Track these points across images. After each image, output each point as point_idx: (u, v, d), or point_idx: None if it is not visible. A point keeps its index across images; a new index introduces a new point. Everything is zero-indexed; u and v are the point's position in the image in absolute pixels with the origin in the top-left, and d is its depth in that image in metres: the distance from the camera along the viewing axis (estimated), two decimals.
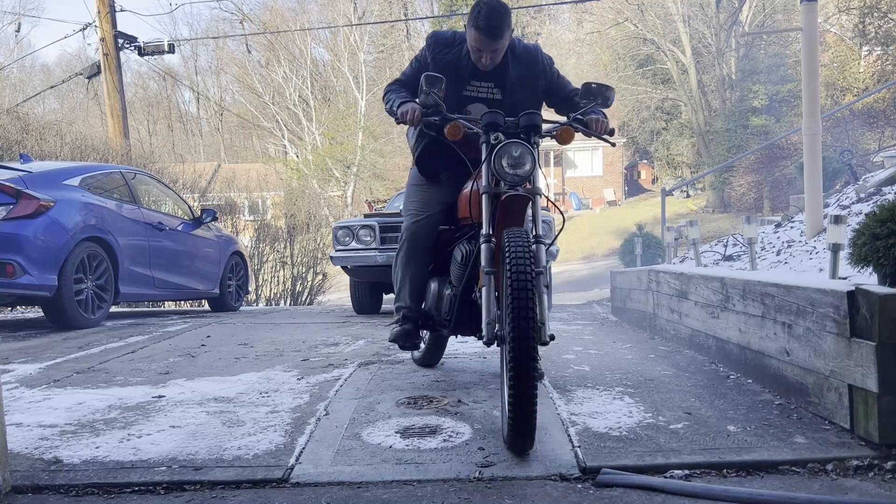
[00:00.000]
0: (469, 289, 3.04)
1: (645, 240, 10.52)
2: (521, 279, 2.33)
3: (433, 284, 3.36)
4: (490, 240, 2.71)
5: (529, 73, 3.21)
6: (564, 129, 2.88)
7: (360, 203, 30.97)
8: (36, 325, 6.08)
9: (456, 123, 2.85)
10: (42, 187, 5.56)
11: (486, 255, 2.69)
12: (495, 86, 3.20)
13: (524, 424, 2.30)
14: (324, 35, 37.66)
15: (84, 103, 38.93)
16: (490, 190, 2.76)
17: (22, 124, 11.04)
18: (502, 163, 2.67)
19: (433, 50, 3.22)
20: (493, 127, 2.78)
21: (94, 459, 2.40)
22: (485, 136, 2.80)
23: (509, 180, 2.69)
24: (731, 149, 25.26)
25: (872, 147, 13.11)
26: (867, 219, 3.12)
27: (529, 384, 2.26)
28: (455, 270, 3.15)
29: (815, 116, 6.64)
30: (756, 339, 3.20)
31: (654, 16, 30.03)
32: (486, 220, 2.74)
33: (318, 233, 13.83)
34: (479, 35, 3.01)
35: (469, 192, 3.01)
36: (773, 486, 2.12)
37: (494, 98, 3.20)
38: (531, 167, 2.69)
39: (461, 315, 3.11)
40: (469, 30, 3.06)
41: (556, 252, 6.78)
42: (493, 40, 3.02)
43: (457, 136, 2.85)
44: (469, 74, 3.17)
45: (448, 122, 2.88)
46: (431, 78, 2.87)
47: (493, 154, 2.69)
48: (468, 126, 2.87)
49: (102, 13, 13.93)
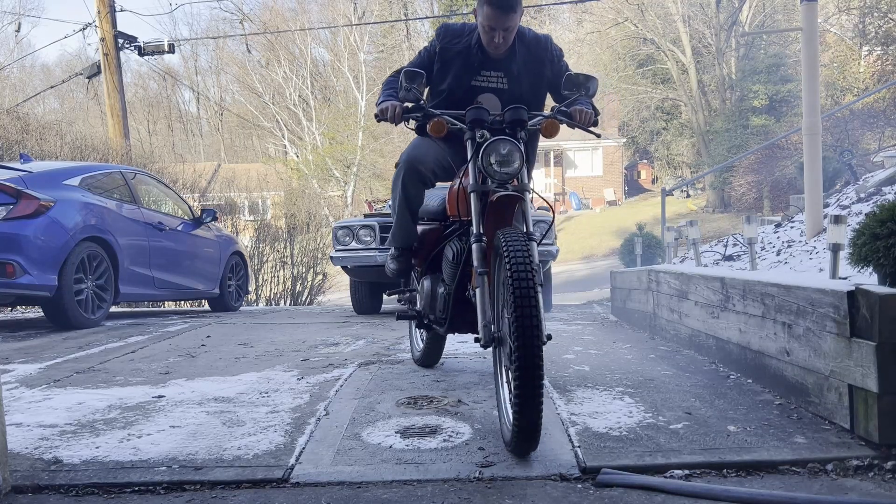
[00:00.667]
0: (462, 286, 3.02)
1: (645, 240, 10.51)
2: (523, 282, 2.28)
3: (426, 283, 3.33)
4: (481, 239, 2.67)
5: (536, 62, 3.15)
6: (549, 121, 2.84)
7: (360, 203, 30.97)
8: (36, 325, 6.08)
9: (439, 120, 2.79)
10: (42, 187, 5.56)
11: (478, 256, 2.66)
12: (504, 75, 3.14)
13: (529, 427, 2.24)
14: (324, 35, 37.68)
15: (84, 103, 38.93)
16: (478, 188, 2.71)
17: (22, 124, 11.04)
18: (490, 160, 2.62)
19: (442, 40, 3.18)
20: (477, 123, 2.73)
21: (94, 459, 2.40)
22: (470, 133, 2.75)
23: (498, 178, 2.64)
24: (731, 149, 25.27)
25: (872, 147, 13.11)
26: (867, 219, 3.12)
27: (536, 384, 2.20)
28: (447, 269, 3.11)
29: (815, 116, 6.64)
30: (756, 339, 3.20)
31: (654, 16, 30.03)
32: (476, 219, 2.69)
33: (318, 233, 13.84)
34: (491, 11, 2.94)
35: (456, 189, 2.96)
36: (773, 486, 2.12)
37: (503, 87, 3.14)
38: (520, 164, 2.64)
39: (456, 313, 3.08)
40: (481, 8, 2.98)
41: (557, 252, 6.78)
42: (507, 14, 2.95)
43: (441, 132, 2.79)
44: (479, 64, 3.13)
45: (431, 118, 2.82)
46: (412, 73, 2.81)
47: (481, 151, 2.64)
48: (452, 122, 2.81)
49: (102, 13, 13.93)
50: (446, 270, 3.12)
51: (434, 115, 2.84)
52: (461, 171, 2.92)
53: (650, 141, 37.21)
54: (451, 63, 3.11)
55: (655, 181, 37.99)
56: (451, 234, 3.17)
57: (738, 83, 28.07)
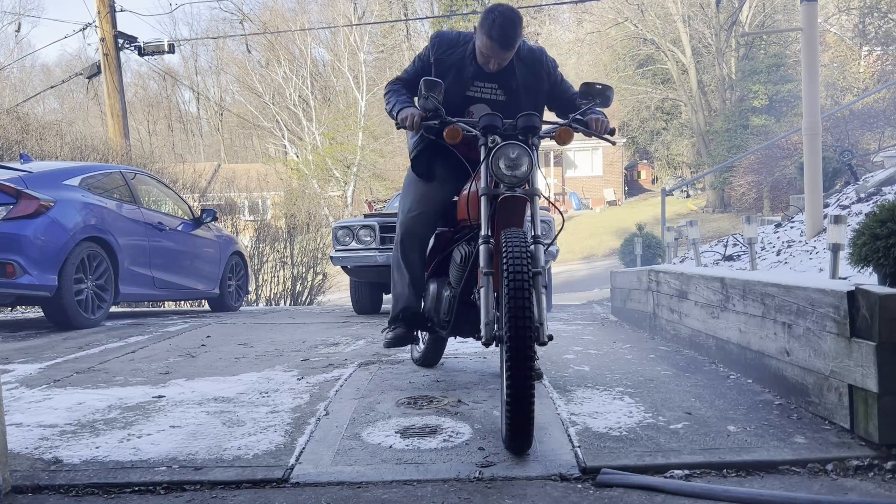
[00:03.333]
0: (468, 290, 3.05)
1: (645, 240, 10.51)
2: (518, 279, 2.34)
3: (432, 286, 3.37)
4: (489, 241, 2.72)
5: (534, 76, 3.21)
6: (563, 129, 2.90)
7: (360, 203, 30.98)
8: (36, 325, 6.08)
9: (455, 127, 2.87)
10: (42, 187, 5.56)
11: (485, 256, 2.70)
12: (499, 87, 3.20)
13: (522, 424, 2.29)
14: (324, 35, 37.67)
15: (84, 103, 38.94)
16: (489, 192, 2.77)
17: (22, 124, 11.04)
18: (500, 164, 2.70)
19: (437, 50, 3.22)
20: (490, 129, 2.80)
21: (94, 459, 2.40)
22: (483, 139, 2.82)
23: (507, 182, 2.71)
24: (731, 149, 25.28)
25: (872, 147, 13.09)
26: (867, 219, 3.12)
27: (526, 384, 2.26)
28: (454, 272, 3.16)
29: (815, 116, 6.63)
30: (756, 339, 3.20)
31: (654, 16, 30.03)
32: (485, 221, 2.75)
33: (318, 233, 13.83)
34: (491, 44, 3.01)
35: (468, 193, 3.02)
36: (773, 486, 2.12)
37: (498, 99, 3.21)
38: (528, 168, 2.71)
39: (460, 316, 3.11)
40: (480, 36, 3.05)
41: (557, 252, 6.78)
42: (506, 50, 3.04)
43: (456, 139, 2.86)
44: (473, 75, 3.18)
45: (447, 125, 2.89)
46: (430, 83, 2.88)
47: (491, 156, 2.71)
48: (467, 129, 2.88)
49: (102, 13, 13.93)
50: (453, 273, 3.17)
51: (450, 122, 2.90)
52: (472, 177, 2.97)
53: (650, 141, 37.20)
54: (446, 73, 3.18)
55: (655, 181, 37.99)
56: (460, 238, 3.22)
57: (738, 83, 28.08)
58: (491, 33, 2.98)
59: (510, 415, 2.28)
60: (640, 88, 32.95)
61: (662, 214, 12.55)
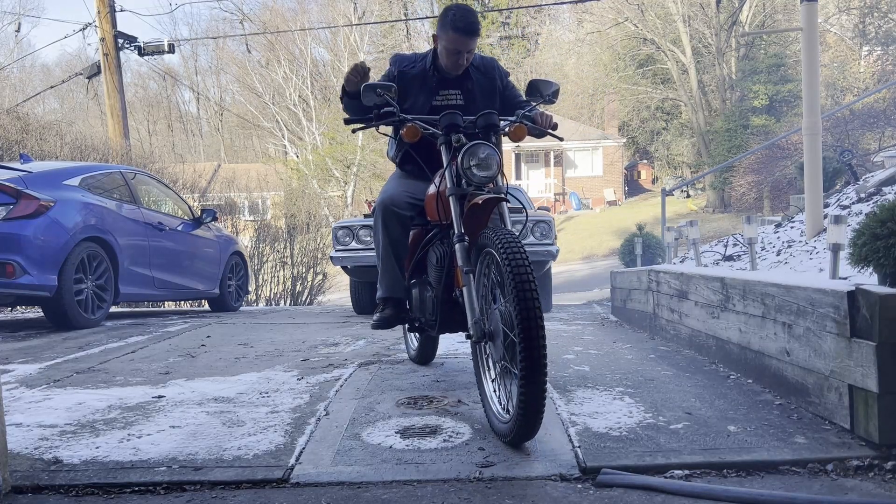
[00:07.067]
0: (449, 288, 3.07)
1: (645, 240, 10.51)
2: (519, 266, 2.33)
3: (414, 290, 3.39)
4: (463, 239, 2.75)
5: (488, 80, 3.38)
6: (518, 126, 3.01)
7: (360, 203, 31.01)
8: (36, 325, 6.08)
9: (413, 125, 2.90)
10: (42, 187, 5.56)
11: (462, 255, 2.74)
12: (461, 93, 3.34)
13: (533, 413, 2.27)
14: (324, 35, 37.68)
15: (84, 103, 38.94)
16: (456, 191, 2.80)
17: (22, 124, 11.03)
18: (470, 164, 2.73)
19: (399, 66, 3.36)
20: (453, 128, 2.85)
21: (94, 459, 2.40)
22: (444, 138, 2.87)
23: (476, 181, 2.75)
24: (731, 149, 25.28)
25: (872, 147, 13.10)
26: (867, 219, 3.12)
27: (541, 363, 2.23)
28: (433, 273, 3.18)
29: (815, 116, 6.63)
30: (756, 340, 3.20)
31: (654, 16, 30.05)
32: (457, 220, 2.77)
33: (318, 233, 13.85)
34: (458, 36, 3.14)
35: (435, 194, 3.02)
36: (773, 486, 2.12)
37: (461, 104, 3.31)
38: (497, 168, 2.76)
39: (445, 315, 3.12)
40: (445, 34, 3.16)
41: (557, 252, 6.78)
42: (472, 38, 3.18)
43: (414, 137, 2.89)
44: (436, 84, 3.32)
45: (404, 123, 2.92)
46: (385, 85, 2.96)
47: (462, 155, 2.74)
48: (425, 127, 2.92)
49: (102, 13, 13.93)
50: (432, 274, 3.19)
51: (406, 120, 2.95)
52: (437, 176, 2.99)
53: (650, 141, 37.22)
54: (410, 85, 3.30)
55: (655, 181, 38.01)
56: (433, 237, 3.24)
57: (738, 83, 28.09)
58: (457, 25, 3.12)
59: (523, 401, 2.25)
60: (640, 88, 32.96)
61: (662, 214, 12.54)
